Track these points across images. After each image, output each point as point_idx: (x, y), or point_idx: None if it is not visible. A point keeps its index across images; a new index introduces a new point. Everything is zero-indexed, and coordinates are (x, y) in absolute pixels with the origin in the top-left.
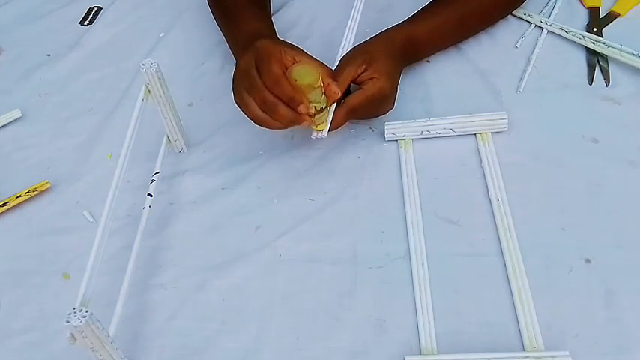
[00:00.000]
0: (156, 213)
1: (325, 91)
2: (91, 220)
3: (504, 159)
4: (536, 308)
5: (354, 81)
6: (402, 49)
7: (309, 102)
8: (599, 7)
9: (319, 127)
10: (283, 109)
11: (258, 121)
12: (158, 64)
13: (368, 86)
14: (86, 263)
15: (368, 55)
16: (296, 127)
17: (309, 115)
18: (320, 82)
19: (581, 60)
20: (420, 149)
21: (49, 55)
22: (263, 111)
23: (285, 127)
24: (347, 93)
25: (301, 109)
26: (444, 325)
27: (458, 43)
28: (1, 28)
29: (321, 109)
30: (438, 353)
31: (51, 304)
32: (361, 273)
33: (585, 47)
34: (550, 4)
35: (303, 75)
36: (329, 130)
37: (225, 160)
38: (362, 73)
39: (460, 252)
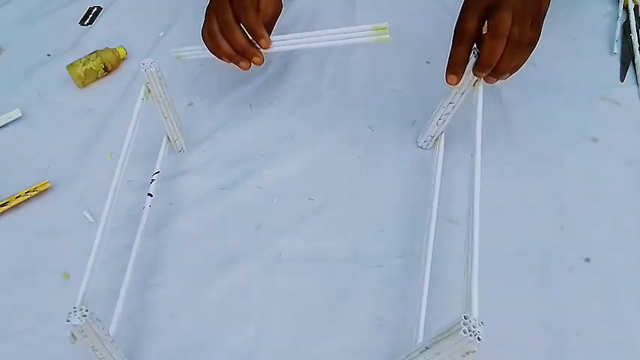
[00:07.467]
0: (156, 213)
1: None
2: (91, 220)
3: (504, 159)
4: (536, 308)
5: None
6: None
7: None
8: None
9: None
10: (239, 35)
11: (212, 41)
12: (158, 64)
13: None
14: (86, 263)
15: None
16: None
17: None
18: None
19: (581, 58)
20: (420, 149)
21: (49, 55)
22: (221, 34)
23: (233, 56)
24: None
25: (263, 43)
26: (443, 325)
27: None
28: (1, 28)
29: None
30: None
31: (51, 304)
32: (361, 273)
33: (620, 48)
34: None
35: None
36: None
37: (225, 160)
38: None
39: (460, 252)
